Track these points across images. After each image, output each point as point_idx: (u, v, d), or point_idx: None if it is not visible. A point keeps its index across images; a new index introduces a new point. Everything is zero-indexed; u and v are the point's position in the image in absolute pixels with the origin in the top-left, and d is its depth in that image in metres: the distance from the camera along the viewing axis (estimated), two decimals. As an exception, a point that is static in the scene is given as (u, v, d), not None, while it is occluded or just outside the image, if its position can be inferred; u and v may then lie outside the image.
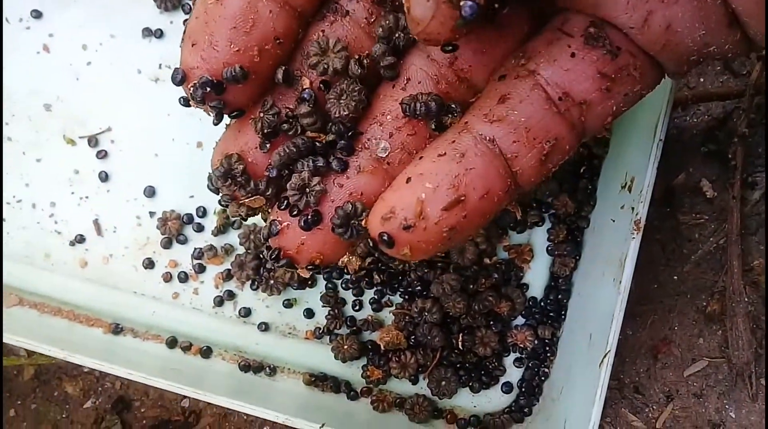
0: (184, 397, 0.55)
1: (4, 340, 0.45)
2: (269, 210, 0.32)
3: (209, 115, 0.30)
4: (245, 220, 0.34)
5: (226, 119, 0.31)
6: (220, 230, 0.52)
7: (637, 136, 0.46)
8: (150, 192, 0.53)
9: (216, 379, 0.50)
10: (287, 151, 0.29)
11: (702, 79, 0.58)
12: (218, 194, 0.32)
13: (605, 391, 0.41)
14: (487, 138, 0.28)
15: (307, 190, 0.30)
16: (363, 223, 0.29)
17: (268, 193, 0.31)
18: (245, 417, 0.55)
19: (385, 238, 0.28)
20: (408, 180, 0.28)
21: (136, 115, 0.53)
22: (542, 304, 0.51)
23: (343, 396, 0.51)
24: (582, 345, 0.46)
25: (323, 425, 0.42)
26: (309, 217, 0.30)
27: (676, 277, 0.56)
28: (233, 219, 0.53)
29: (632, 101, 0.30)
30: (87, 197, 0.53)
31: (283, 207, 0.30)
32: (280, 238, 0.31)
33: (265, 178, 0.31)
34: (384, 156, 0.30)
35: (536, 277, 0.51)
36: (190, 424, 0.55)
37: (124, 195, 0.53)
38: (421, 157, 0.29)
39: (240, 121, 0.31)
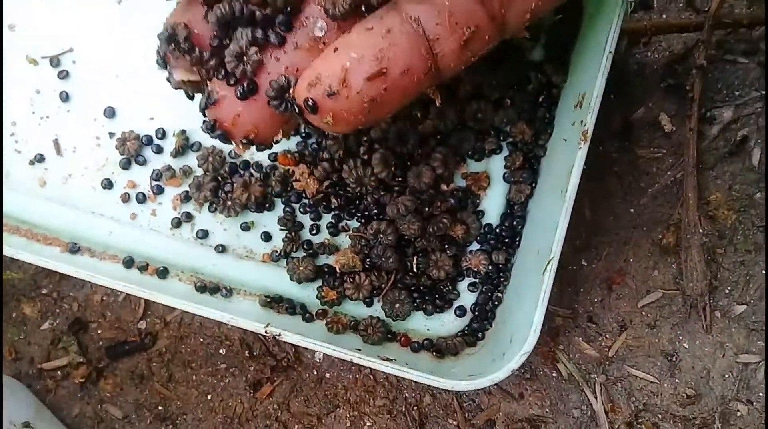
0: (141, 318, 0.55)
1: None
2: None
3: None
4: (191, 98, 0.34)
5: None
6: (178, 152, 0.53)
7: (590, 58, 0.46)
8: (110, 113, 0.53)
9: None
10: (224, 10, 0.29)
11: (664, 16, 0.59)
12: (165, 67, 0.32)
13: (548, 297, 0.41)
14: (413, 17, 0.29)
15: (245, 58, 0.30)
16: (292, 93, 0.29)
17: (210, 64, 0.31)
18: (201, 340, 0.55)
19: (310, 103, 0.29)
20: (335, 50, 0.29)
21: (99, 36, 0.53)
22: (497, 230, 0.51)
23: (299, 318, 0.51)
24: (531, 264, 0.46)
25: (268, 325, 0.42)
26: (245, 86, 0.30)
27: (632, 210, 0.57)
28: (192, 141, 0.53)
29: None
30: (47, 117, 0.53)
31: (221, 77, 0.31)
32: (216, 109, 0.31)
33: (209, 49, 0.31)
34: (320, 35, 0.30)
35: (492, 205, 0.52)
36: (146, 345, 0.55)
37: (85, 115, 0.53)
38: (350, 31, 0.30)
39: None
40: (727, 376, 0.55)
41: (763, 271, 0.56)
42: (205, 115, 0.32)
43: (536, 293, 0.42)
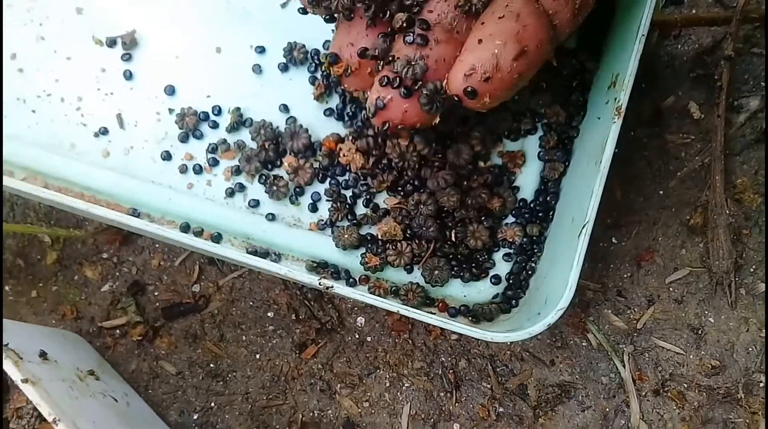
0: (195, 281, 0.59)
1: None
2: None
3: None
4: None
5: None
6: (233, 127, 0.56)
7: (623, 43, 0.49)
8: (170, 91, 0.57)
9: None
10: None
11: (694, 10, 0.61)
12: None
13: (582, 258, 0.44)
14: None
15: (413, 63, 0.37)
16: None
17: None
18: (251, 303, 0.59)
19: (469, 90, 0.35)
20: (480, 41, 0.35)
21: (161, 19, 0.57)
22: (531, 205, 0.54)
23: (343, 282, 0.54)
24: (564, 234, 0.49)
25: (321, 277, 0.46)
26: (408, 87, 0.37)
27: (661, 192, 0.60)
28: (245, 117, 0.56)
29: None
30: (112, 93, 0.57)
31: (384, 84, 0.37)
32: (386, 112, 0.38)
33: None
34: (454, 26, 0.35)
35: (527, 181, 0.55)
36: (200, 307, 0.59)
37: (146, 93, 0.57)
38: (483, 23, 0.36)
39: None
40: (750, 349, 0.57)
41: (787, 252, 0.58)
42: (372, 122, 0.39)
43: (571, 256, 0.44)
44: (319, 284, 0.46)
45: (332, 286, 0.46)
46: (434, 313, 0.47)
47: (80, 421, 0.43)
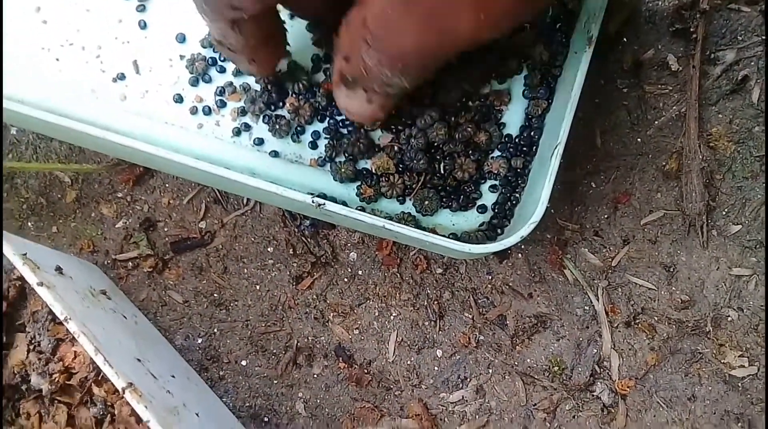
0: (202, 219, 0.64)
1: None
2: None
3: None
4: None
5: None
6: (238, 71, 0.61)
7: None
8: (181, 38, 0.62)
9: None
10: None
11: (675, -32, 0.65)
12: None
13: (554, 177, 0.48)
14: None
15: None
16: None
17: None
18: (252, 239, 0.63)
19: None
20: None
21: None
22: (516, 140, 0.58)
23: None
24: (544, 166, 0.53)
25: (313, 196, 0.50)
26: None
27: (639, 140, 0.63)
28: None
29: None
30: (128, 42, 0.62)
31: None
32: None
33: None
34: None
35: (513, 118, 0.59)
36: (206, 242, 0.63)
37: (159, 41, 0.62)
38: None
39: None
40: (720, 286, 0.60)
41: (759, 196, 0.61)
42: None
43: (545, 176, 0.48)
44: (312, 202, 0.50)
45: (324, 204, 0.50)
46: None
47: (90, 324, 0.48)
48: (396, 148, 0.58)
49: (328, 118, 0.60)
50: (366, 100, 0.47)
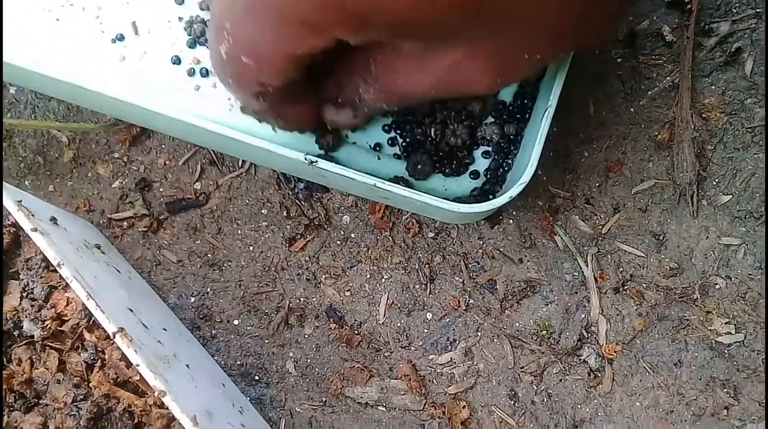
0: (197, 180, 0.64)
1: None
2: None
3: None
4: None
5: None
6: (236, 35, 0.61)
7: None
8: (180, 1, 0.62)
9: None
10: None
11: (672, -59, 0.65)
12: None
13: (544, 139, 0.48)
14: None
15: None
16: None
17: None
18: (247, 201, 0.64)
19: None
20: None
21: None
22: (510, 107, 0.58)
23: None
24: (536, 130, 0.54)
25: (306, 154, 0.51)
26: None
27: (632, 110, 0.64)
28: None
29: None
30: (128, 3, 0.63)
31: None
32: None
33: None
34: None
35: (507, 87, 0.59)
36: (200, 203, 0.64)
37: (159, 2, 0.62)
38: None
39: None
40: (709, 255, 0.61)
41: (749, 167, 0.62)
42: None
43: (535, 137, 0.49)
44: (305, 159, 0.51)
45: (316, 161, 0.51)
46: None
47: (83, 272, 0.49)
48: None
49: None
50: (352, 116, 0.49)
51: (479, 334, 0.61)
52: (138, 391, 0.47)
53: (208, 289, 0.63)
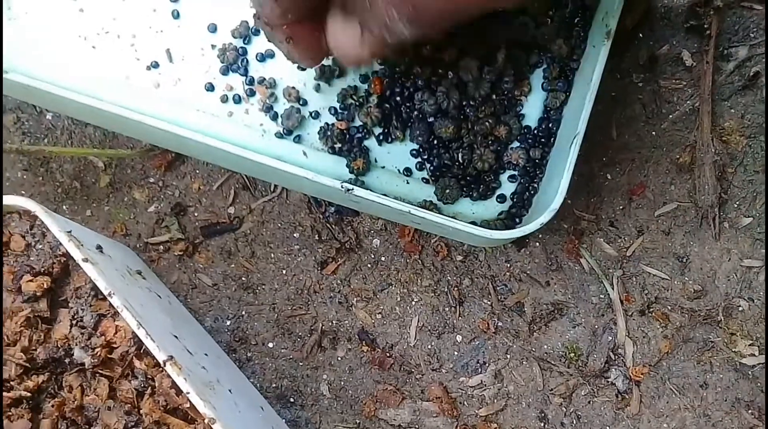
0: (231, 204, 0.66)
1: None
2: None
3: None
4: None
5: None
6: (263, 57, 0.63)
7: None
8: (213, 28, 0.64)
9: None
10: None
11: (688, -33, 0.67)
12: None
13: (572, 166, 0.50)
14: None
15: None
16: None
17: None
18: (279, 225, 0.66)
19: None
20: None
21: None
22: (535, 131, 0.60)
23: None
24: (563, 155, 0.55)
25: (342, 182, 0.52)
26: None
27: (654, 133, 0.65)
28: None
29: None
30: (162, 31, 0.64)
31: None
32: None
33: None
34: None
35: (532, 110, 0.61)
36: (234, 227, 0.66)
37: (192, 30, 0.64)
38: None
39: None
40: (731, 277, 0.63)
41: (769, 190, 0.64)
42: None
43: (564, 165, 0.51)
44: (341, 187, 0.52)
45: (352, 189, 0.52)
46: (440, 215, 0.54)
47: (131, 299, 0.50)
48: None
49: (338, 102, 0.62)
50: (359, 38, 0.43)
51: (508, 356, 0.63)
52: (188, 418, 0.48)
53: (243, 312, 0.65)
